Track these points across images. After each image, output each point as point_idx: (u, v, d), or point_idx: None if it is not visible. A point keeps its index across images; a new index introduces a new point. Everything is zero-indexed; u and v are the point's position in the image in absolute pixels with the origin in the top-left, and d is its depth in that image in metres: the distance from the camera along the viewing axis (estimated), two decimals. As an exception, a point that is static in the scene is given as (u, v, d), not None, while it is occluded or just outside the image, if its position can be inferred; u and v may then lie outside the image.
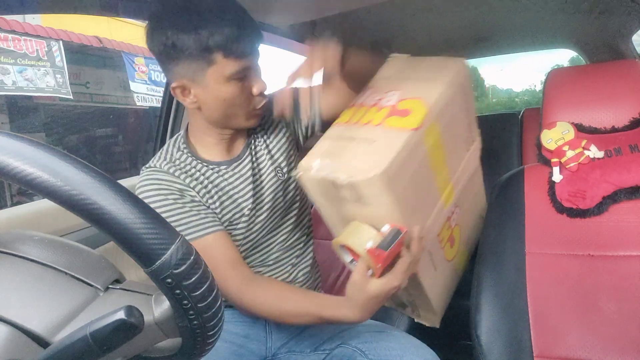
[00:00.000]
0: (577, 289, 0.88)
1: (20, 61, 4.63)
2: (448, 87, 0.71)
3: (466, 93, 0.77)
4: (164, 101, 1.29)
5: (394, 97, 0.72)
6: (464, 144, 0.83)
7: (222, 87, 0.72)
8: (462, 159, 0.84)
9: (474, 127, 0.86)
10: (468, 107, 0.80)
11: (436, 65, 0.77)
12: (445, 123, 0.72)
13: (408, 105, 0.69)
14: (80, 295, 0.35)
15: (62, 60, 4.94)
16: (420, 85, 0.72)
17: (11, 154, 0.27)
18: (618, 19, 1.64)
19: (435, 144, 0.71)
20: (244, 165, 0.84)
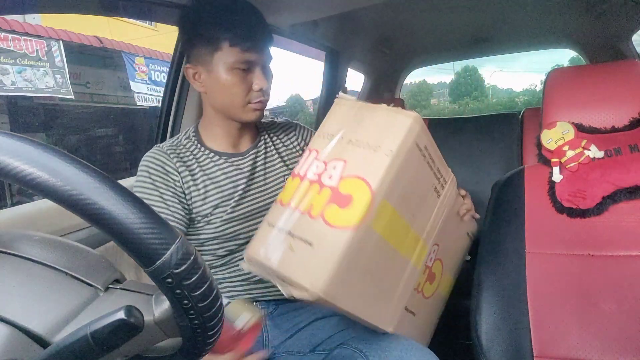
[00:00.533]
0: (577, 289, 0.88)
1: (19, 61, 4.63)
2: (396, 157, 0.62)
3: (424, 147, 0.68)
4: (164, 101, 1.29)
5: (337, 171, 0.63)
6: (431, 194, 0.75)
7: (225, 74, 0.80)
8: (433, 209, 0.76)
9: (443, 169, 0.77)
10: (431, 157, 0.72)
11: (385, 123, 0.65)
12: (399, 194, 0.65)
13: (350, 187, 0.61)
14: (80, 295, 0.35)
15: (62, 60, 4.94)
16: (365, 156, 0.63)
17: (11, 154, 0.27)
18: (618, 19, 1.64)
19: (390, 221, 0.65)
20: (244, 162, 0.89)
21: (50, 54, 4.84)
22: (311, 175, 0.65)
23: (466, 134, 1.96)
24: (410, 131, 0.64)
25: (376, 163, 0.62)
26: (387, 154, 0.62)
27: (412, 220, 0.70)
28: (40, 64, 4.77)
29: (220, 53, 0.79)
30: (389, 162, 0.61)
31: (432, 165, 0.73)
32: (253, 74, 0.81)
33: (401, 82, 2.57)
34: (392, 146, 0.62)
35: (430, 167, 0.72)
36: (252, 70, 0.81)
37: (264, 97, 0.83)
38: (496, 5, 1.58)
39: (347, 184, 0.61)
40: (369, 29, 1.81)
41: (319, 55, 1.99)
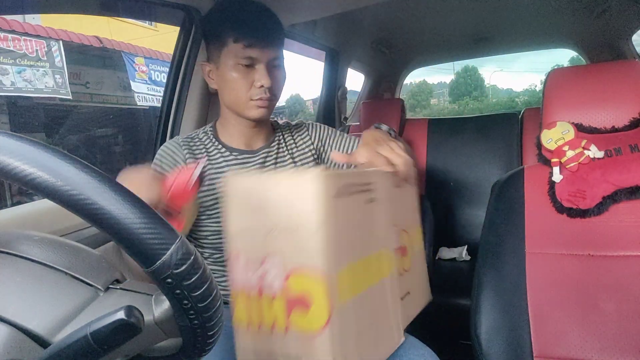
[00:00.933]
0: (577, 289, 0.88)
1: (19, 61, 4.63)
2: (323, 226, 0.53)
3: (342, 186, 0.57)
4: (164, 101, 1.29)
5: (275, 272, 0.55)
6: (370, 209, 0.65)
7: (230, 70, 0.82)
8: (381, 218, 0.68)
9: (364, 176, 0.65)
10: (351, 185, 0.60)
11: (291, 196, 0.55)
12: (347, 250, 0.57)
13: (300, 285, 0.53)
14: (81, 295, 0.35)
15: (62, 60, 4.94)
16: (293, 243, 0.54)
17: (11, 154, 0.27)
18: (618, 19, 1.65)
19: (354, 276, 0.58)
20: (253, 160, 0.90)
21: (50, 54, 4.84)
22: (251, 286, 0.57)
23: (466, 134, 1.96)
24: (319, 192, 0.53)
25: (309, 244, 0.53)
26: (314, 229, 0.52)
27: (370, 249, 0.63)
28: (40, 64, 4.77)
29: (227, 49, 0.82)
30: (321, 236, 0.52)
31: (357, 189, 0.62)
32: (256, 71, 0.83)
33: (401, 82, 2.57)
34: (313, 217, 0.52)
35: (358, 193, 0.62)
36: (255, 67, 0.82)
37: (265, 94, 0.84)
38: (496, 5, 1.58)
39: (294, 283, 0.54)
40: (369, 29, 1.82)
41: (319, 55, 1.99)
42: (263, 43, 0.81)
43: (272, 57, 0.83)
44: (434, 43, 2.12)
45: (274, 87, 0.85)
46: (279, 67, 0.86)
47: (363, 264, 0.61)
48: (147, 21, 5.86)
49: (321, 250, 0.53)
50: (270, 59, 0.83)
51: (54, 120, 5.39)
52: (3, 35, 4.42)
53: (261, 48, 0.81)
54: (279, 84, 0.87)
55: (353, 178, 0.62)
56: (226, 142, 0.91)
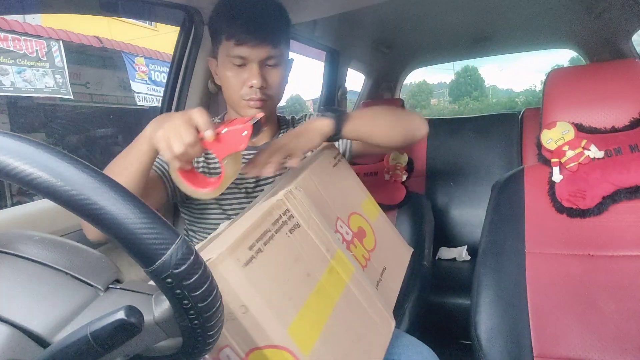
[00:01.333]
0: (577, 289, 0.88)
1: (19, 62, 4.63)
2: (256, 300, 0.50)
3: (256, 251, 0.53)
4: (164, 101, 1.29)
5: (231, 354, 0.52)
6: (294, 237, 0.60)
7: (224, 67, 0.82)
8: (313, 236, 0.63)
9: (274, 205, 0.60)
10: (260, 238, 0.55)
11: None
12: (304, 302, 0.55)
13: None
14: (80, 295, 0.35)
15: (62, 60, 4.94)
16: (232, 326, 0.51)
17: (11, 154, 0.27)
18: (618, 19, 1.65)
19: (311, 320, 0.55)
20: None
21: (50, 54, 4.84)
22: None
23: (466, 134, 1.96)
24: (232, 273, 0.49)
25: (248, 327, 0.50)
26: (243, 311, 0.49)
27: (316, 274, 0.59)
28: (40, 64, 4.77)
29: (222, 47, 0.82)
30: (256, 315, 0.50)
31: (273, 231, 0.57)
32: (247, 70, 0.81)
33: (401, 82, 2.57)
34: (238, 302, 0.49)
35: (276, 233, 0.57)
36: (247, 65, 0.80)
37: (257, 95, 0.81)
38: (496, 5, 1.58)
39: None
40: (369, 29, 1.81)
41: (319, 55, 1.99)
42: (254, 41, 0.78)
43: (265, 56, 0.80)
44: (434, 43, 2.12)
45: (268, 87, 0.82)
46: (275, 66, 0.83)
47: (315, 295, 0.57)
48: (147, 21, 5.86)
49: (263, 326, 0.50)
50: (263, 57, 0.80)
51: (54, 120, 5.39)
52: (3, 35, 4.42)
53: (252, 46, 0.78)
54: (274, 85, 0.83)
55: (263, 224, 0.56)
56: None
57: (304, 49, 1.82)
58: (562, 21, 1.79)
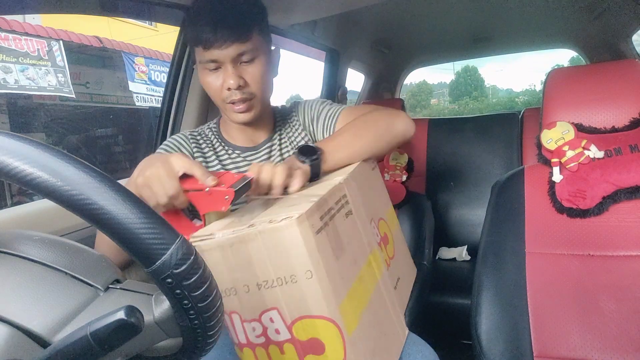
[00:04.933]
0: (577, 289, 0.88)
1: (21, 60, 4.64)
2: (317, 271, 0.51)
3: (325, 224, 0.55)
4: (164, 101, 1.29)
5: (278, 323, 0.53)
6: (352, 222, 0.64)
7: (202, 74, 0.81)
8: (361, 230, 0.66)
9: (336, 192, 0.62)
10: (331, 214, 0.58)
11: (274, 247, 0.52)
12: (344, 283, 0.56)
13: (307, 331, 0.51)
14: (80, 295, 0.35)
15: (63, 59, 4.94)
16: (290, 293, 0.52)
17: (11, 154, 0.27)
18: (618, 19, 1.65)
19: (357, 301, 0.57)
20: (257, 157, 0.89)
21: (52, 53, 4.84)
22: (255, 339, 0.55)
23: (466, 134, 1.96)
24: (302, 238, 0.50)
25: (306, 292, 0.51)
26: (307, 276, 0.50)
27: (360, 262, 0.61)
28: (42, 63, 4.78)
29: (195, 53, 0.80)
30: (316, 281, 0.50)
31: (335, 210, 0.59)
32: (222, 72, 0.78)
33: (401, 82, 2.57)
34: (305, 266, 0.50)
35: (336, 213, 0.59)
36: (221, 68, 0.78)
37: (237, 96, 0.78)
38: (496, 5, 1.58)
39: (300, 330, 0.52)
40: (369, 29, 1.82)
41: (319, 55, 1.99)
42: (220, 42, 0.75)
43: (237, 53, 0.76)
44: (434, 43, 2.13)
45: (247, 85, 0.79)
46: (251, 61, 0.78)
47: (358, 282, 0.59)
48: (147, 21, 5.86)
49: (321, 295, 0.51)
50: (235, 55, 0.76)
51: (54, 120, 5.39)
52: (4, 34, 4.42)
53: (219, 48, 0.75)
54: (254, 81, 0.79)
55: (329, 200, 0.58)
56: (229, 140, 0.89)
57: (304, 49, 1.82)
58: (562, 21, 1.79)
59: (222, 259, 0.54)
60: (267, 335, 0.54)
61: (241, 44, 0.76)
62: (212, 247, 0.54)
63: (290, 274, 0.51)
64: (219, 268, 0.54)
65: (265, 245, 0.52)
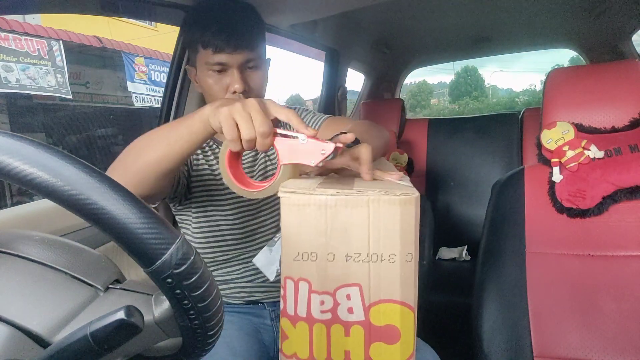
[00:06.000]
0: (577, 289, 0.88)
1: (22, 59, 4.65)
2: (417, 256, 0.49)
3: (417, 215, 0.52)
4: (164, 101, 1.29)
5: (355, 301, 0.49)
6: None
7: (204, 75, 0.82)
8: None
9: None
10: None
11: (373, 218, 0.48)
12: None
13: (386, 317, 0.49)
14: (80, 295, 0.35)
15: (63, 60, 4.95)
16: (377, 272, 0.48)
17: (11, 154, 0.27)
18: (618, 19, 1.65)
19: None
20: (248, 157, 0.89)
21: (52, 53, 4.85)
22: (319, 314, 0.50)
23: (466, 134, 1.96)
24: (412, 220, 0.47)
25: (398, 276, 0.48)
26: (405, 260, 0.48)
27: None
28: (42, 63, 4.79)
29: (199, 55, 0.81)
30: (412, 267, 0.48)
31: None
32: (228, 76, 0.81)
33: (401, 82, 2.57)
34: (409, 248, 0.48)
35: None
36: (227, 71, 0.81)
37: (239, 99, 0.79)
38: (496, 5, 1.58)
39: (379, 313, 0.48)
40: (369, 29, 1.81)
41: (319, 55, 1.99)
42: (232, 47, 0.78)
43: (244, 59, 0.81)
44: (434, 43, 2.12)
45: (250, 90, 0.82)
46: (255, 68, 0.83)
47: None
48: (147, 21, 5.86)
49: (412, 283, 0.48)
50: (242, 62, 0.80)
51: (54, 120, 5.39)
52: (4, 34, 4.43)
53: (230, 52, 0.79)
54: (256, 86, 0.84)
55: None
56: (216, 137, 0.90)
57: (304, 49, 1.82)
58: (562, 21, 1.79)
59: (314, 218, 0.49)
60: (336, 313, 0.49)
61: (250, 51, 0.80)
62: (309, 203, 0.48)
63: (390, 252, 0.47)
64: (306, 228, 0.49)
65: (373, 215, 0.47)
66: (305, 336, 0.50)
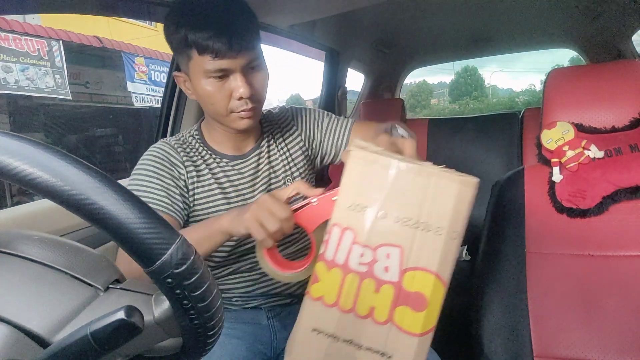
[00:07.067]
0: (577, 289, 0.88)
1: (22, 60, 4.64)
2: (462, 236, 0.52)
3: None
4: (164, 102, 1.29)
5: (393, 261, 0.51)
6: None
7: (201, 82, 0.74)
8: None
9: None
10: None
11: (436, 191, 0.51)
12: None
13: (418, 283, 0.51)
14: (81, 295, 0.35)
15: (62, 60, 4.95)
16: (421, 239, 0.50)
17: (11, 154, 0.27)
18: (618, 19, 1.65)
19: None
20: (245, 165, 0.85)
21: (51, 53, 4.85)
22: (356, 265, 0.52)
23: (466, 134, 1.96)
24: (469, 201, 0.50)
25: (440, 250, 0.50)
26: (452, 236, 0.51)
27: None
28: (41, 63, 4.78)
29: (193, 62, 0.73)
30: (455, 245, 0.51)
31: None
32: (231, 81, 0.73)
33: (401, 82, 2.57)
34: (457, 227, 0.51)
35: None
36: (229, 76, 0.73)
37: (247, 105, 0.75)
38: (496, 5, 1.58)
39: (412, 279, 0.51)
40: (369, 29, 1.82)
41: (319, 55, 1.99)
42: (235, 51, 0.70)
43: (247, 61, 0.73)
44: (434, 43, 2.13)
45: (256, 92, 0.76)
46: (257, 67, 0.76)
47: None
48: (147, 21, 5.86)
49: (452, 259, 0.51)
50: (245, 64, 0.73)
51: (54, 120, 5.39)
52: (4, 35, 4.43)
53: (233, 57, 0.70)
54: (261, 87, 0.77)
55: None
56: (215, 148, 0.85)
57: (304, 49, 1.82)
58: (562, 21, 1.79)
59: (377, 176, 0.52)
60: (372, 268, 0.51)
61: (251, 51, 0.73)
62: (377, 161, 0.52)
63: (439, 225, 0.50)
64: (367, 183, 0.52)
65: (433, 187, 0.51)
66: (337, 283, 0.52)
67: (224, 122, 0.79)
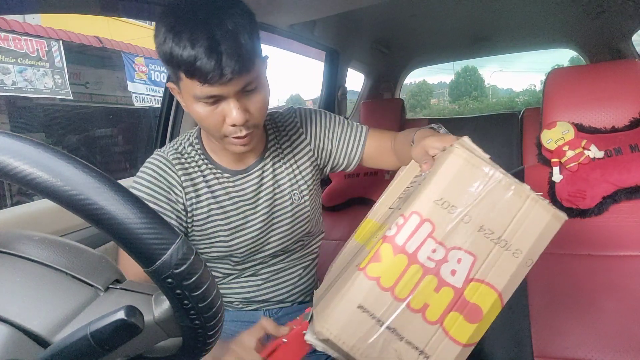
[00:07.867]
0: (577, 289, 0.88)
1: (20, 61, 4.64)
2: (526, 260, 0.51)
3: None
4: (164, 102, 1.29)
5: (463, 267, 0.50)
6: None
7: (192, 104, 0.67)
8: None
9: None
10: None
11: (528, 214, 0.51)
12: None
13: (479, 296, 0.50)
14: (81, 295, 0.35)
15: (62, 60, 4.95)
16: (495, 254, 0.50)
17: (11, 154, 0.27)
18: (618, 19, 1.65)
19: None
20: (247, 180, 0.81)
21: (51, 54, 4.85)
22: (424, 259, 0.51)
23: (466, 133, 1.95)
24: (547, 230, 0.51)
25: (512, 271, 0.50)
26: (528, 262, 0.51)
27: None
28: (40, 64, 4.78)
29: (182, 83, 0.65)
30: (526, 271, 0.51)
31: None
32: (224, 106, 0.66)
33: (401, 82, 2.57)
34: (535, 254, 0.51)
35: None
36: (222, 102, 0.65)
37: (242, 132, 0.68)
38: (496, 5, 1.58)
39: (475, 290, 0.50)
40: (369, 29, 1.81)
41: (319, 55, 1.99)
42: (227, 77, 0.60)
43: (242, 85, 0.64)
44: (433, 43, 2.12)
45: (252, 117, 0.68)
46: (255, 90, 0.67)
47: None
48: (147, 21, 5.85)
49: (517, 284, 0.51)
50: (240, 89, 0.64)
51: (54, 120, 5.39)
52: (4, 35, 4.42)
53: (225, 83, 0.61)
54: (258, 111, 0.69)
55: None
56: (215, 159, 0.80)
57: (304, 49, 1.82)
58: (562, 21, 1.79)
59: (474, 180, 0.52)
60: (440, 267, 0.51)
61: (247, 74, 0.63)
62: (479, 166, 0.53)
63: (518, 247, 0.51)
64: (462, 183, 0.52)
65: (526, 211, 0.51)
66: (399, 269, 0.51)
67: (220, 143, 0.74)
